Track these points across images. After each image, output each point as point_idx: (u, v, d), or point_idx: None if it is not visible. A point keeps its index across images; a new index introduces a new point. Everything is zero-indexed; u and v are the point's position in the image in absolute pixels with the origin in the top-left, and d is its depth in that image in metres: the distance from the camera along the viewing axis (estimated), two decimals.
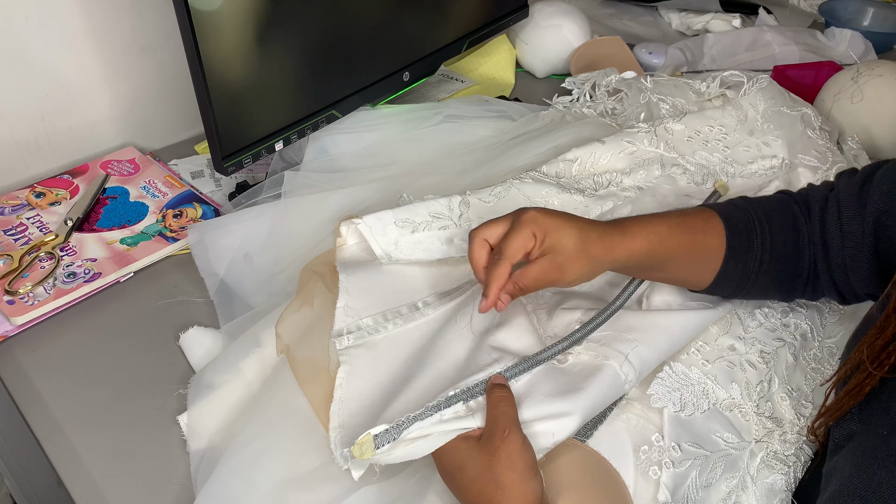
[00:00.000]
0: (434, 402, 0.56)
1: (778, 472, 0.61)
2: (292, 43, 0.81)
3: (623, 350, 0.62)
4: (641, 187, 0.82)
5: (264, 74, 0.80)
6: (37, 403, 0.69)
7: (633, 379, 0.61)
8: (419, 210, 0.75)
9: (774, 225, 0.66)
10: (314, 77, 0.86)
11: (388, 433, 0.54)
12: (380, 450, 0.54)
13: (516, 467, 0.52)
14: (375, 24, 0.91)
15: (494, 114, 1.01)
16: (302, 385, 0.64)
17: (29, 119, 0.89)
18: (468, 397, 0.57)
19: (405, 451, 0.55)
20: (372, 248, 0.72)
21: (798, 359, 0.70)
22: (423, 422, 0.55)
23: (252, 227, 0.81)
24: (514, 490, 0.52)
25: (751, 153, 0.89)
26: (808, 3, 1.47)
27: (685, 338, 0.67)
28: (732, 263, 0.65)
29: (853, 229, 0.64)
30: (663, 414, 0.62)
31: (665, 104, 0.97)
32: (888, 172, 0.63)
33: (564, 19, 1.18)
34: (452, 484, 0.54)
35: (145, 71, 0.96)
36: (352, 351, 0.64)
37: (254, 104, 0.80)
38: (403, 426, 0.54)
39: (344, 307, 0.67)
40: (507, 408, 0.55)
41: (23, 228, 0.84)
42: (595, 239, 0.59)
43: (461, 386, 0.58)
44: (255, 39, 0.77)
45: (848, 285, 0.66)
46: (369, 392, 0.62)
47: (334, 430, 0.59)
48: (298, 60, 0.83)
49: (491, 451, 0.53)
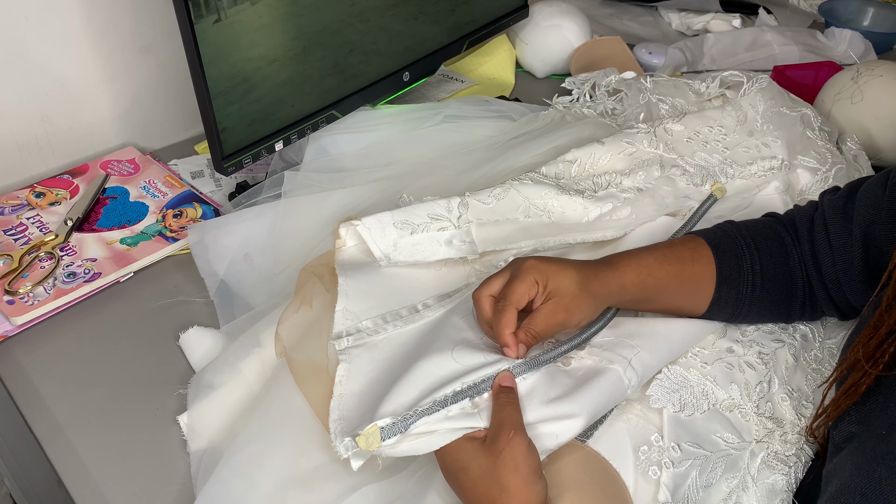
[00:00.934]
0: (441, 397, 0.56)
1: (779, 472, 0.61)
2: (292, 42, 0.81)
3: (626, 355, 0.62)
4: (641, 188, 0.82)
5: (264, 74, 0.80)
6: (37, 403, 0.69)
7: (635, 384, 0.61)
8: (418, 211, 0.75)
9: (763, 249, 0.68)
10: (314, 77, 0.86)
11: (395, 426, 0.54)
12: (386, 442, 0.53)
13: (520, 470, 0.52)
14: (375, 23, 0.91)
15: (494, 114, 1.01)
16: (300, 385, 0.64)
17: (29, 119, 0.89)
18: (475, 394, 0.57)
19: (410, 445, 0.55)
20: (371, 249, 0.72)
21: (799, 359, 0.70)
22: (430, 417, 0.55)
23: (252, 227, 0.81)
24: (518, 493, 0.52)
25: (750, 154, 0.89)
26: (808, 3, 1.47)
27: (684, 345, 0.67)
28: (725, 289, 0.67)
29: (842, 244, 0.65)
30: (663, 414, 0.62)
31: (665, 104, 0.97)
32: (870, 187, 0.65)
33: (564, 19, 1.18)
34: (455, 484, 0.54)
35: (145, 71, 0.96)
36: (351, 350, 0.64)
37: (253, 104, 0.80)
38: (411, 420, 0.54)
39: (343, 310, 0.67)
40: (512, 411, 0.55)
41: (23, 228, 0.84)
42: (592, 277, 0.62)
43: (468, 381, 0.57)
44: (255, 39, 0.77)
45: (844, 300, 0.67)
46: (369, 389, 0.62)
47: (334, 422, 0.59)
48: (298, 60, 0.83)
49: (495, 454, 0.53)
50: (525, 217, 0.78)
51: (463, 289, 0.72)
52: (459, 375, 0.58)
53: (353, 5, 0.86)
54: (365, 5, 0.88)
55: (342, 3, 0.85)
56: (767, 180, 0.86)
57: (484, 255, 0.75)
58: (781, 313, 0.70)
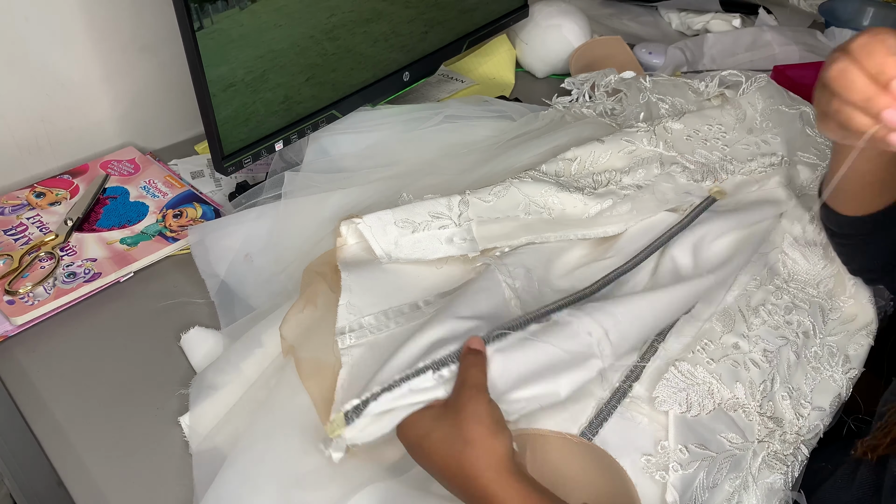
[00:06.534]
0: (403, 374, 0.56)
1: (777, 471, 0.62)
2: (293, 42, 0.81)
3: (605, 324, 0.62)
4: (640, 185, 0.82)
5: (264, 74, 0.80)
6: (37, 403, 0.69)
7: (609, 353, 0.61)
8: (419, 210, 0.75)
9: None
10: (314, 77, 0.86)
11: (358, 409, 0.54)
12: (350, 425, 0.53)
13: (483, 422, 0.51)
14: (375, 23, 0.91)
15: (494, 114, 1.01)
16: (305, 382, 0.64)
17: (29, 119, 0.89)
18: (438, 366, 0.56)
19: (377, 427, 0.54)
20: (372, 247, 0.72)
21: (800, 356, 0.70)
22: (393, 392, 0.54)
23: (252, 228, 0.81)
24: (483, 443, 0.50)
25: (750, 151, 0.90)
26: (808, 3, 1.47)
27: (668, 314, 0.67)
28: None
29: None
30: (669, 416, 0.62)
31: (664, 104, 0.97)
32: None
33: (564, 19, 1.18)
34: (420, 455, 0.53)
35: (145, 71, 0.96)
36: (354, 351, 0.64)
37: (254, 104, 0.80)
38: (371, 399, 0.54)
39: (346, 304, 0.67)
40: (477, 372, 0.54)
41: (23, 228, 0.84)
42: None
43: (432, 357, 0.57)
44: (255, 39, 0.77)
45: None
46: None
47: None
48: (299, 60, 0.83)
49: (457, 410, 0.52)
50: (525, 214, 0.78)
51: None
52: (429, 351, 0.58)
53: (354, 4, 0.86)
54: (366, 5, 0.88)
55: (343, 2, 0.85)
56: (768, 176, 0.87)
57: (484, 253, 0.75)
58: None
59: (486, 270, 0.72)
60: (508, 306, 0.69)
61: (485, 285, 0.69)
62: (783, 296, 0.74)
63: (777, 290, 0.74)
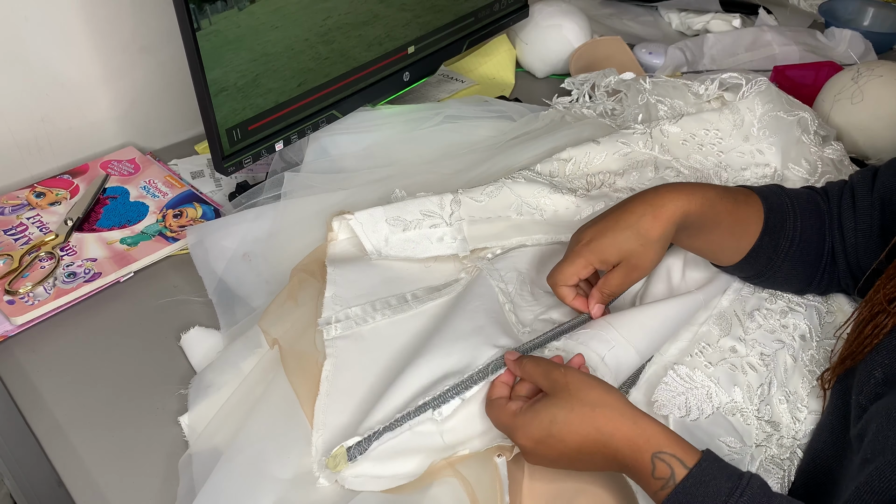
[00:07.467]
0: (404, 413, 0.57)
1: (774, 475, 0.62)
2: (292, 42, 0.81)
3: (600, 351, 0.63)
4: (634, 189, 0.82)
5: (264, 74, 0.80)
6: (37, 403, 0.69)
7: (610, 378, 0.62)
8: (410, 208, 0.75)
9: (804, 209, 0.71)
10: (314, 77, 0.86)
11: (360, 446, 0.55)
12: (352, 462, 0.54)
13: (595, 384, 0.54)
14: (376, 23, 0.91)
15: (494, 114, 1.01)
16: (290, 377, 0.64)
17: (29, 119, 0.89)
18: (438, 404, 0.57)
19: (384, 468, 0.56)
20: (363, 243, 0.72)
21: (797, 360, 0.70)
22: (394, 432, 0.55)
23: (252, 228, 0.81)
24: (607, 400, 0.53)
25: (744, 160, 0.90)
26: (808, 3, 1.47)
27: (664, 333, 0.68)
28: (767, 239, 0.69)
29: (864, 208, 0.69)
30: (668, 421, 0.62)
31: (663, 105, 0.97)
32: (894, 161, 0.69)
33: (564, 19, 1.18)
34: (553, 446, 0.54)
35: (145, 71, 0.96)
36: (339, 343, 0.64)
37: (254, 104, 0.80)
38: (373, 438, 0.55)
39: (332, 296, 0.67)
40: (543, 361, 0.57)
41: (23, 228, 0.84)
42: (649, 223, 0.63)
43: (431, 393, 0.58)
44: (255, 39, 0.77)
45: (859, 266, 0.70)
46: (356, 388, 0.62)
47: (318, 429, 0.60)
48: (298, 60, 0.83)
49: (563, 388, 0.54)
50: (517, 215, 0.78)
51: (453, 283, 0.72)
52: (428, 388, 0.59)
53: (354, 5, 0.86)
54: (366, 5, 0.88)
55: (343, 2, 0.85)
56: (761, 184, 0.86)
57: (474, 252, 0.75)
58: (803, 279, 0.72)
59: (478, 276, 0.72)
60: (503, 311, 0.69)
61: (479, 292, 0.70)
62: (777, 301, 0.74)
63: (771, 295, 0.74)
